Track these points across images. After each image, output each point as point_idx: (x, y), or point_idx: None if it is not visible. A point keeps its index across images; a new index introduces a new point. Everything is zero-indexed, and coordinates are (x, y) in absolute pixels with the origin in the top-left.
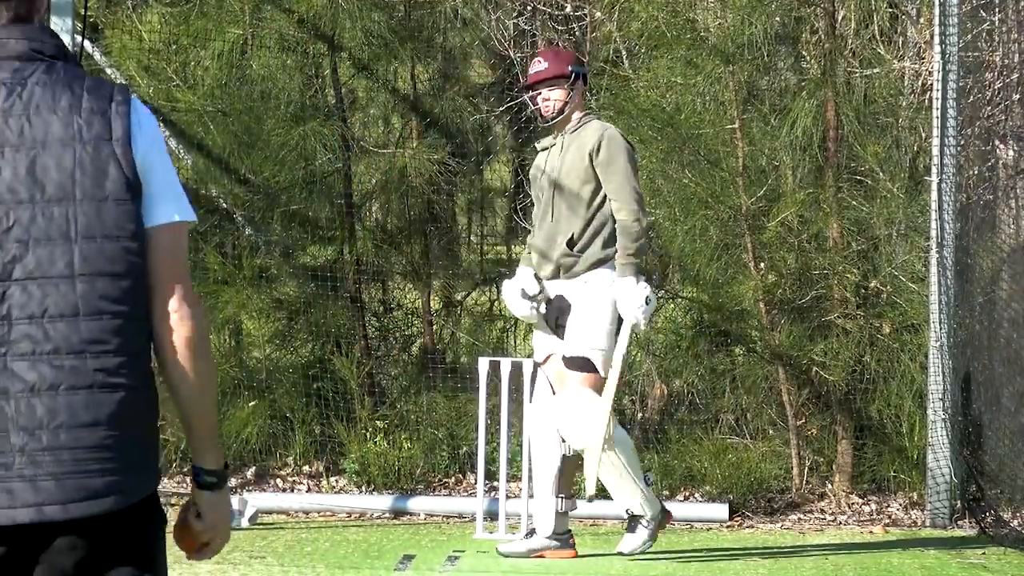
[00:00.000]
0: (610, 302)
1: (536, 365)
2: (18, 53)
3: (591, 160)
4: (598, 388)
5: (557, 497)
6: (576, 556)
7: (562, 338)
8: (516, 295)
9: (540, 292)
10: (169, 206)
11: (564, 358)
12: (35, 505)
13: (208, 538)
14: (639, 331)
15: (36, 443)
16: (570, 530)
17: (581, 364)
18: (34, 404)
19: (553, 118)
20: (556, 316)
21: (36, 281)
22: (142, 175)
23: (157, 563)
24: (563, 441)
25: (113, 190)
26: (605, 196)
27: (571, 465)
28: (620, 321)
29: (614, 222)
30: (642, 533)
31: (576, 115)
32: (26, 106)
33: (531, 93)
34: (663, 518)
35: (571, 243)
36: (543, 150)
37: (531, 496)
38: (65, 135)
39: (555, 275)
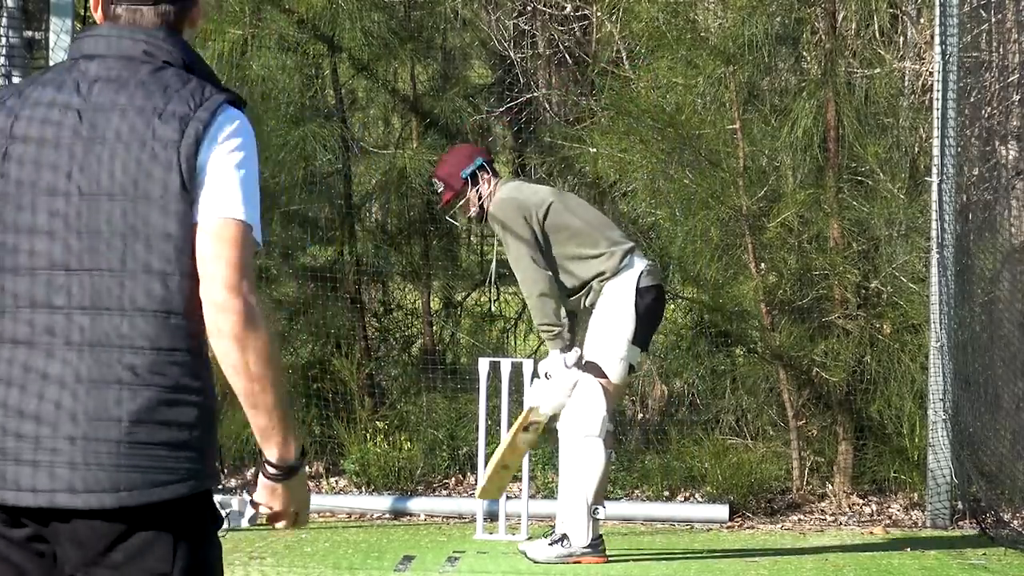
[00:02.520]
0: (627, 310)
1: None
2: (130, 55)
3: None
4: (610, 392)
5: (596, 504)
6: (607, 561)
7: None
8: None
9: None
10: (220, 204)
11: (584, 361)
12: (51, 491)
13: (286, 520)
14: (536, 411)
15: (60, 433)
16: (601, 535)
17: (596, 370)
18: (63, 395)
19: (482, 217)
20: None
21: (85, 273)
22: (200, 176)
23: (185, 568)
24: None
25: (171, 192)
26: (552, 240)
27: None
28: (637, 327)
29: (586, 246)
30: (558, 551)
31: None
32: (111, 104)
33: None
34: (590, 555)
35: (570, 293)
36: None
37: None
38: (132, 136)
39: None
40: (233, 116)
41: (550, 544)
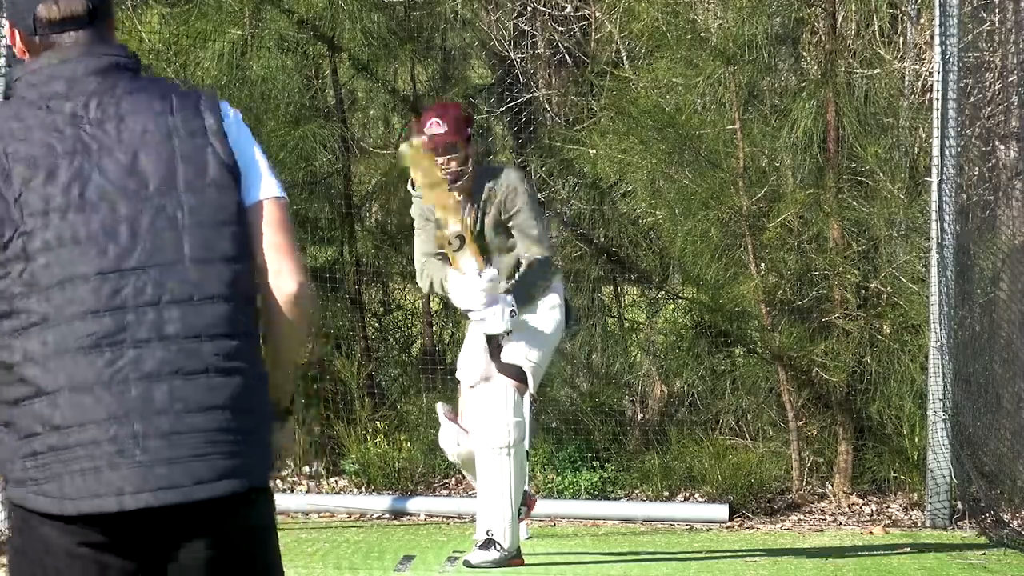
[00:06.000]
0: (560, 326)
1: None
2: (104, 67)
3: (501, 210)
4: (522, 398)
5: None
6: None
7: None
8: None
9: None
10: (267, 184)
11: (500, 362)
12: (150, 491)
13: None
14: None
15: (155, 429)
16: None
17: (519, 374)
18: (152, 390)
19: (454, 184)
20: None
21: (150, 269)
22: (238, 161)
23: (274, 550)
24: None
25: (215, 177)
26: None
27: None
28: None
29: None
30: (493, 555)
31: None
32: (117, 111)
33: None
34: (515, 557)
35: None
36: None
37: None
38: (161, 133)
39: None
40: (226, 104)
41: (482, 549)
